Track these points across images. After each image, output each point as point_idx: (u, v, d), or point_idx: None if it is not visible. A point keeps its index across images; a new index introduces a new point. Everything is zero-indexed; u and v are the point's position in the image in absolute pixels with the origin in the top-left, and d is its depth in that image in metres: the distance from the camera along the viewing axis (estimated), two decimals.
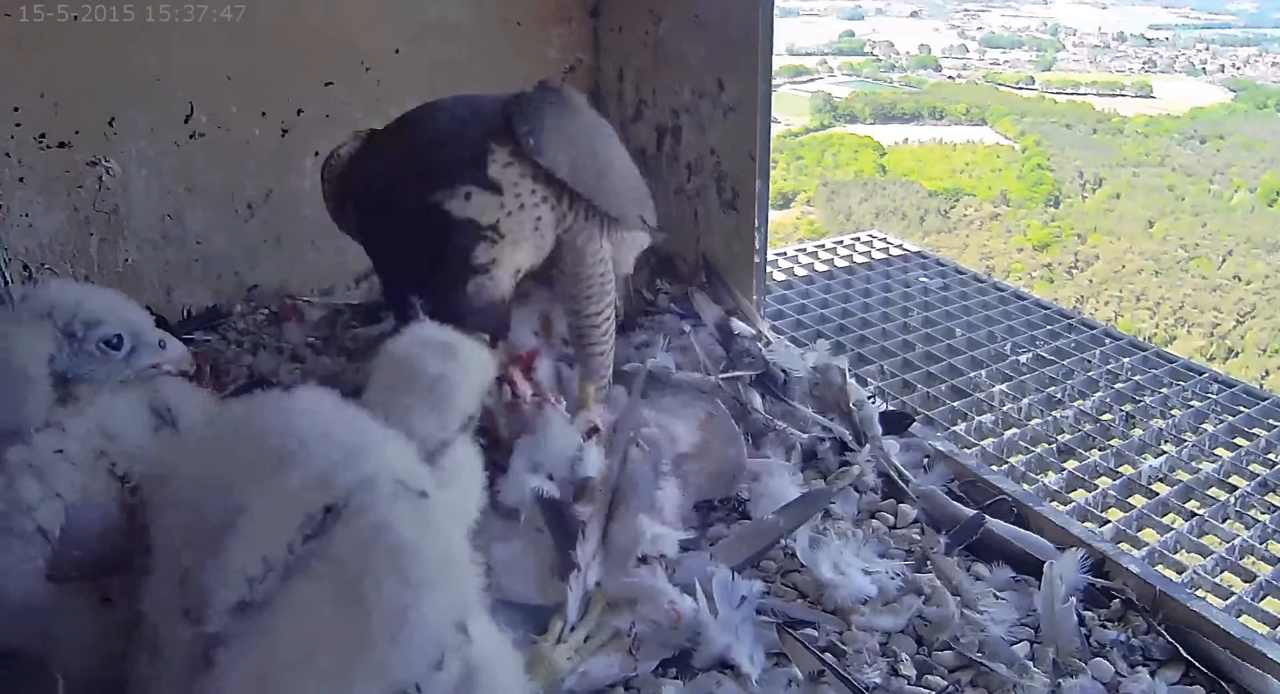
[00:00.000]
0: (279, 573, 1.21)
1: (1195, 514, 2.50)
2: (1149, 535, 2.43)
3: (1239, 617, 2.05)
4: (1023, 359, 3.26)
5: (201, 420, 1.61)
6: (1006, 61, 35.69)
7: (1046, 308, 3.66)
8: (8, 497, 1.47)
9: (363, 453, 1.31)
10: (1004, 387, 3.09)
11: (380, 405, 1.46)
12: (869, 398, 2.53)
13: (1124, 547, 2.30)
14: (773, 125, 2.81)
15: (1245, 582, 2.28)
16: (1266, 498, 2.59)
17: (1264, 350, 19.27)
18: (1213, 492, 2.62)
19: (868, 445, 2.38)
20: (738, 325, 2.76)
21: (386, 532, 1.21)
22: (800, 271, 4.00)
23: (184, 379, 1.84)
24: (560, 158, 1.93)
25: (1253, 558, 2.37)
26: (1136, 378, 3.17)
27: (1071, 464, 2.71)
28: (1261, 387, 3.50)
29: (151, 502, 1.44)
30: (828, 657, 1.76)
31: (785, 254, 4.20)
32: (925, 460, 2.41)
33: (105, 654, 1.44)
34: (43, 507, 1.48)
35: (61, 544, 1.48)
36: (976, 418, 2.89)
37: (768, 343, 2.71)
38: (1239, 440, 2.88)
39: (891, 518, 2.23)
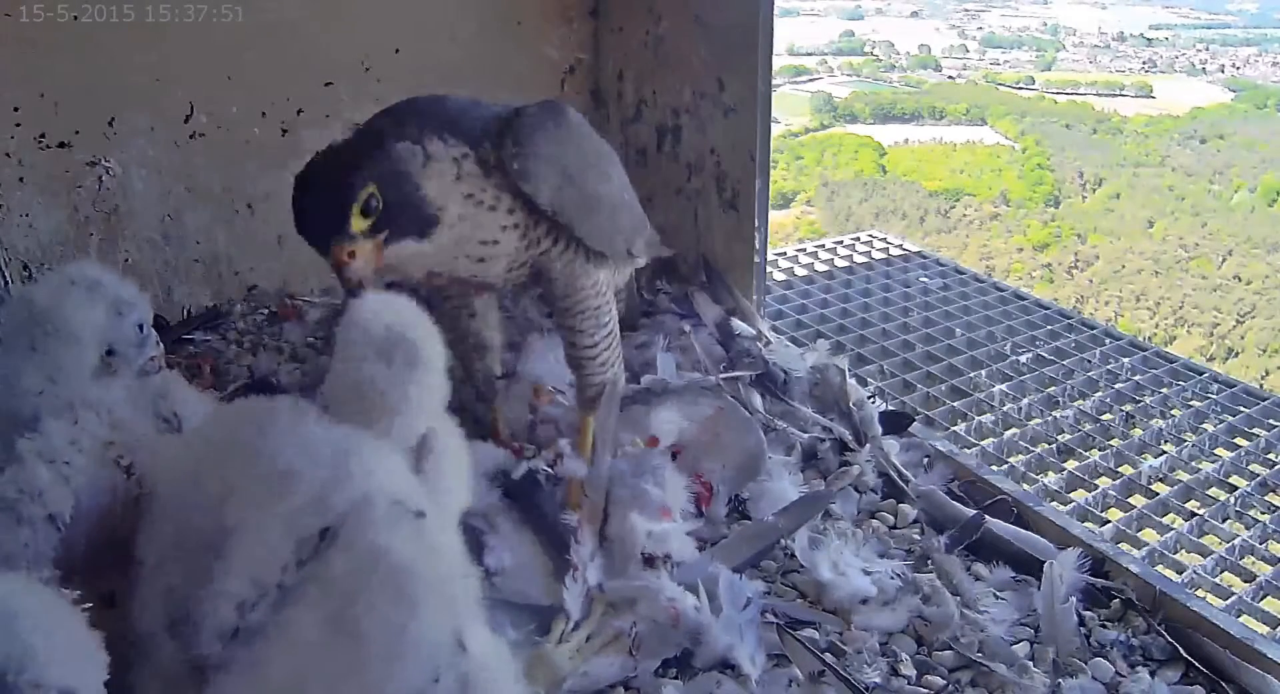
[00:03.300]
0: (272, 598, 1.20)
1: (1195, 514, 2.50)
2: (1149, 535, 2.43)
3: (1239, 617, 2.05)
4: (1023, 359, 3.26)
5: (190, 432, 1.57)
6: (1006, 61, 35.61)
7: (1046, 308, 3.66)
8: (19, 484, 1.47)
9: (356, 472, 1.29)
10: (1004, 386, 3.08)
11: (350, 388, 1.41)
12: (869, 398, 2.53)
13: (1124, 547, 2.30)
14: (773, 125, 2.81)
15: (1245, 582, 2.28)
16: (1266, 498, 2.60)
17: (1264, 350, 19.23)
18: (1213, 492, 2.62)
19: (868, 445, 2.38)
20: (738, 325, 2.77)
21: (385, 556, 1.19)
22: (800, 271, 4.00)
23: (185, 381, 1.85)
24: (543, 187, 1.87)
25: (1253, 558, 2.37)
26: (1136, 378, 3.17)
27: (1071, 464, 2.71)
28: (1261, 387, 3.50)
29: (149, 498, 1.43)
30: (828, 657, 1.76)
31: (785, 254, 4.20)
32: (925, 460, 2.41)
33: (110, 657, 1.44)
34: (53, 494, 1.48)
35: (70, 532, 1.49)
36: (976, 418, 2.89)
37: (768, 343, 2.71)
38: (1239, 440, 2.87)
39: (891, 518, 2.23)
